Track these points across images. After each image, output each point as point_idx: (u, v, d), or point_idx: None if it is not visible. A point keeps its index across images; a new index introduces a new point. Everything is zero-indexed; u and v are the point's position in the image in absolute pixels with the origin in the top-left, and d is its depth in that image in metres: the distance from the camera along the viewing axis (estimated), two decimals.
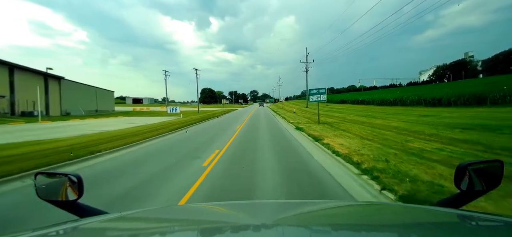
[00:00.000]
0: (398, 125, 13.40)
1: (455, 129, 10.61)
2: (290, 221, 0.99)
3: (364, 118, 19.57)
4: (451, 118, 15.05)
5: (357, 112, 26.58)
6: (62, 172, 1.09)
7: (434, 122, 14.10)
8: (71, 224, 0.90)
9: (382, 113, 24.21)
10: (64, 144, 9.47)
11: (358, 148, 7.58)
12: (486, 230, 0.85)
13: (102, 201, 3.85)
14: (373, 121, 16.73)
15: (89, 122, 24.67)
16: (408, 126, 12.99)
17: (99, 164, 6.78)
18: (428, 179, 4.37)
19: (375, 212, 1.25)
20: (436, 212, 1.06)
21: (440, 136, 9.08)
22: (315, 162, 6.42)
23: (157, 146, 9.79)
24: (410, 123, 14.44)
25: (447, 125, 12.15)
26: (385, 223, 1.02)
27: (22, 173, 5.37)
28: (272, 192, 4.24)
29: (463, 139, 8.22)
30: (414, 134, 10.04)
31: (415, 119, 16.47)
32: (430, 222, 0.96)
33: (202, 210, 1.36)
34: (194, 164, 6.31)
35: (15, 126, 18.78)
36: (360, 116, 21.65)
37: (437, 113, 19.18)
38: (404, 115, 20.08)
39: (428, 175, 4.60)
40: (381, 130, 11.77)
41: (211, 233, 0.92)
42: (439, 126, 12.22)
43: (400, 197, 3.70)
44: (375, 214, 1.19)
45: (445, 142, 7.92)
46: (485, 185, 0.99)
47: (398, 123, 14.71)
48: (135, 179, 5.14)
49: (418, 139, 8.74)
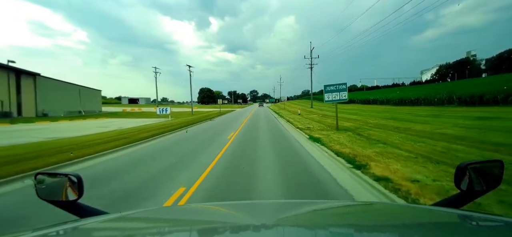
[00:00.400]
0: (460, 134, 9.29)
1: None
2: (290, 222, 0.99)
3: (393, 121, 15.37)
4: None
5: (376, 114, 22.12)
6: (62, 172, 1.09)
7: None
8: (71, 224, 0.89)
9: (410, 114, 19.85)
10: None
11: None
12: (486, 230, 0.84)
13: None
14: (412, 126, 12.53)
15: (55, 125, 20.72)
16: (479, 135, 8.83)
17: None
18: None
19: (375, 212, 1.24)
20: (436, 212, 1.06)
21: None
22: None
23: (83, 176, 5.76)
24: (474, 130, 10.22)
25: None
26: (385, 223, 1.01)
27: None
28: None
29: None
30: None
31: (474, 123, 11.98)
32: (430, 222, 0.96)
33: (202, 211, 1.36)
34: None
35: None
36: (385, 118, 17.42)
37: (498, 114, 14.77)
38: (448, 117, 15.63)
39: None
40: (444, 143, 7.69)
41: (211, 234, 0.92)
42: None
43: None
44: (375, 214, 1.18)
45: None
46: (485, 185, 0.99)
47: (454, 130, 10.53)
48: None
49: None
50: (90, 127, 18.88)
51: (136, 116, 33.35)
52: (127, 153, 8.39)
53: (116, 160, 7.31)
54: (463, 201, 1.04)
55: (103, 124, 21.98)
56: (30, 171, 5.43)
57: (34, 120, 25.64)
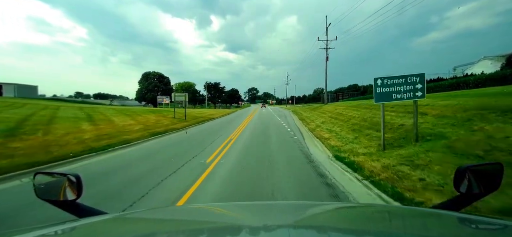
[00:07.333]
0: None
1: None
2: (291, 223, 0.99)
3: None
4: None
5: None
6: (61, 172, 1.08)
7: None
8: (70, 224, 0.88)
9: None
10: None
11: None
12: (486, 233, 0.85)
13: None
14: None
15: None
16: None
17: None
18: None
19: (375, 214, 1.24)
20: (435, 214, 1.05)
21: None
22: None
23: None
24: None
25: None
26: (385, 225, 1.03)
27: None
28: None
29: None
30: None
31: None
32: (429, 225, 0.95)
33: (202, 211, 1.36)
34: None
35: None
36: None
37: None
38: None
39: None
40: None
41: (211, 234, 0.90)
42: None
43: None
44: (375, 217, 1.18)
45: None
46: (484, 188, 0.98)
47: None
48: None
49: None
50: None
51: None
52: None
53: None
54: (462, 204, 1.03)
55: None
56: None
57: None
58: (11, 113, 15.73)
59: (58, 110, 20.68)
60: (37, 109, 20.48)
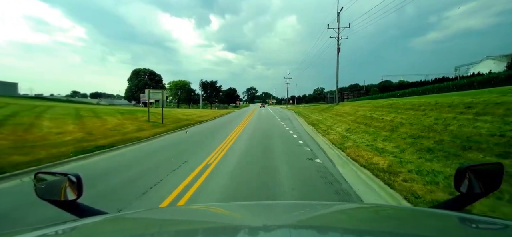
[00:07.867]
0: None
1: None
2: (291, 223, 0.98)
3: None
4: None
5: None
6: (62, 172, 1.07)
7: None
8: (70, 224, 0.88)
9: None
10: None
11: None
12: (486, 232, 0.84)
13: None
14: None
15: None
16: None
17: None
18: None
19: (375, 214, 1.23)
20: (435, 214, 1.04)
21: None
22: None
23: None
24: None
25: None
26: (386, 225, 1.02)
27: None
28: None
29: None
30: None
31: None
32: (430, 224, 0.93)
33: (202, 211, 1.35)
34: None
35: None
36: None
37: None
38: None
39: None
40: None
41: (211, 234, 0.89)
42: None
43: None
44: (376, 217, 1.17)
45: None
46: (485, 187, 0.97)
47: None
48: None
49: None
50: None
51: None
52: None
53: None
54: (462, 204, 1.03)
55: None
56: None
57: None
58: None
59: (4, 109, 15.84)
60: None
